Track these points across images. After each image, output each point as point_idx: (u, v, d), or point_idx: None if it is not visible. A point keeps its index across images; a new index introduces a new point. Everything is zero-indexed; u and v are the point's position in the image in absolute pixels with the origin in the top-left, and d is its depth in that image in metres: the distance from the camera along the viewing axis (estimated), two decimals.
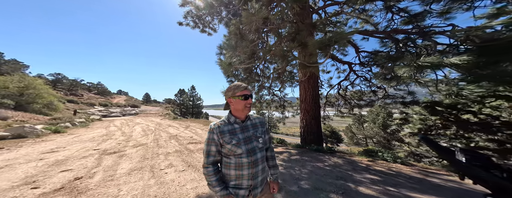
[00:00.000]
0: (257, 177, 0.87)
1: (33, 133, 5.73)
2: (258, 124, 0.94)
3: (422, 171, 2.96)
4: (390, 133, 13.27)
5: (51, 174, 2.55)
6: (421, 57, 1.59)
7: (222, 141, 0.83)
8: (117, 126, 9.36)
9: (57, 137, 5.87)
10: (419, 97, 4.39)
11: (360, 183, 2.32)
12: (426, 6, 2.85)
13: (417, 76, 1.76)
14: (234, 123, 0.88)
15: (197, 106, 24.20)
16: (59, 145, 4.62)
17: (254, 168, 0.85)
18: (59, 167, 2.85)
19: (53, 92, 13.20)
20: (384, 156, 3.57)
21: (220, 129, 0.85)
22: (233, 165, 0.84)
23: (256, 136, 0.89)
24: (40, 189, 2.08)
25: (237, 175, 0.84)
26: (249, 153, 0.85)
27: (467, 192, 2.14)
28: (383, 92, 4.96)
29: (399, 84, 2.53)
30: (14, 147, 4.17)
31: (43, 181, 2.31)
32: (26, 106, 9.86)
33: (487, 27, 1.84)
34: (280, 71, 4.64)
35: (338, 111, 6.40)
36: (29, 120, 7.94)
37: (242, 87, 0.86)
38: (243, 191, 0.85)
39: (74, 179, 2.38)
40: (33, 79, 11.57)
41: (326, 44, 1.65)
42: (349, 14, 4.92)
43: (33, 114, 9.34)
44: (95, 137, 6.01)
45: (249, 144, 0.86)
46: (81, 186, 2.17)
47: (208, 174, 0.84)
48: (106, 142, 5.10)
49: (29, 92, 10.32)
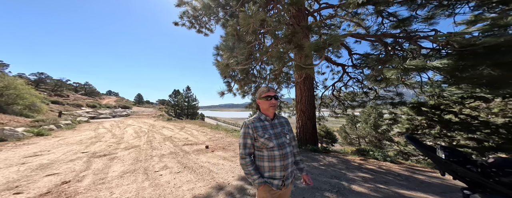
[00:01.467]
0: (287, 168, 0.96)
1: (14, 135, 5.34)
2: (284, 122, 1.08)
3: (409, 168, 3.13)
4: (381, 133, 13.81)
5: (36, 179, 2.40)
6: (407, 60, 1.70)
7: (256, 135, 0.95)
8: (106, 128, 8.94)
9: (41, 140, 5.50)
10: (407, 99, 4.65)
11: (353, 181, 2.41)
12: (413, 11, 3.05)
13: (404, 78, 1.88)
14: (265, 120, 1.01)
15: (193, 106, 23.75)
16: (43, 148, 4.34)
17: (285, 160, 0.95)
18: (44, 171, 2.69)
19: (36, 93, 12.37)
20: (375, 155, 3.73)
21: (254, 124, 0.98)
22: (266, 157, 0.94)
23: (284, 133, 1.01)
24: (24, 194, 1.96)
25: (270, 166, 0.94)
26: (280, 146, 0.95)
27: (449, 187, 2.30)
28: (374, 94, 5.18)
29: (388, 86, 2.68)
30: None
31: (27, 186, 2.17)
32: (6, 108, 9.16)
33: (466, 33, 2.01)
34: (276, 72, 4.71)
35: (333, 111, 6.58)
36: (8, 122, 7.38)
37: (266, 90, 1.01)
38: (277, 181, 0.93)
39: (62, 183, 2.25)
40: (13, 79, 10.79)
41: (321, 47, 1.72)
42: (343, 17, 5.12)
43: (13, 116, 8.69)
44: (83, 139, 5.72)
45: (279, 139, 0.97)
46: (70, 190, 2.06)
47: (246, 164, 0.94)
48: (95, 144, 4.87)
49: (9, 93, 9.61)
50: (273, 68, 5.19)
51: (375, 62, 2.85)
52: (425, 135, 4.39)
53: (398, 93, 4.48)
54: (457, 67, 1.70)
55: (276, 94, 1.02)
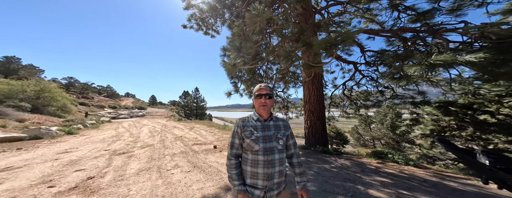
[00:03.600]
0: (272, 178, 0.84)
1: (49, 134, 6.03)
2: (282, 126, 0.93)
3: (437, 174, 2.81)
4: (399, 134, 12.75)
5: (66, 173, 2.66)
6: (433, 55, 1.53)
7: (243, 134, 0.86)
8: (125, 127, 9.64)
9: (70, 138, 6.13)
10: (430, 97, 4.22)
11: (370, 185, 2.24)
12: (435, 3, 2.76)
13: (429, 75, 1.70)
14: (257, 120, 0.91)
15: (201, 107, 24.53)
16: (73, 145, 4.82)
17: (270, 168, 0.83)
18: (73, 167, 2.97)
19: (66, 96, 13.88)
20: (395, 158, 3.44)
21: (244, 123, 0.89)
22: (250, 161, 0.85)
23: (277, 137, 0.88)
24: (56, 187, 2.18)
25: (252, 172, 0.84)
26: (266, 151, 0.84)
27: (489, 197, 2.01)
28: (391, 92, 4.81)
29: (409, 84, 2.44)
30: (31, 148, 4.39)
31: (59, 180, 2.41)
32: (42, 109, 10.41)
33: (503, 23, 1.75)
34: (283, 72, 4.64)
35: (344, 111, 6.26)
36: (44, 122, 8.36)
37: (258, 88, 0.91)
38: (259, 192, 0.83)
39: (87, 179, 2.46)
40: (48, 83, 12.23)
41: (333, 43, 1.63)
42: (353, 13, 4.87)
43: (48, 116, 9.84)
44: (105, 138, 6.22)
45: (268, 143, 0.85)
46: (94, 185, 2.25)
47: (230, 166, 0.86)
48: (116, 142, 5.26)
49: (45, 96, 10.90)
50: (280, 67, 5.12)
51: (392, 59, 2.64)
52: (455, 137, 3.92)
53: (419, 92, 4.08)
54: (495, 61, 1.49)
55: (270, 93, 0.89)
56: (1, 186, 2.19)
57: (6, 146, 4.41)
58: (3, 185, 2.21)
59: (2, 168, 2.86)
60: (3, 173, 2.62)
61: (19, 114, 8.08)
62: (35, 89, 10.54)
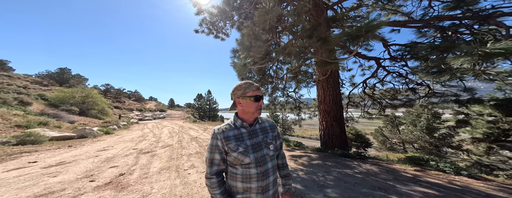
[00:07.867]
0: (268, 190, 0.74)
1: (92, 133, 7.09)
2: (268, 127, 0.81)
3: (505, 188, 2.25)
4: (438, 138, 10.88)
5: (103, 169, 3.04)
6: (488, 43, 1.22)
7: (227, 148, 0.73)
8: (149, 128, 10.71)
9: (107, 137, 7.09)
10: (481, 94, 3.44)
11: (408, 196, 1.93)
12: None
13: (483, 67, 1.36)
14: (241, 127, 0.76)
15: (214, 109, 25.53)
16: (109, 144, 5.55)
17: (264, 180, 0.73)
18: (109, 163, 3.39)
19: (105, 100, 16.19)
20: (440, 165, 2.89)
21: (225, 134, 0.74)
22: (240, 176, 0.72)
23: (266, 142, 0.77)
24: (95, 182, 2.50)
25: (244, 188, 0.72)
26: (259, 162, 0.73)
27: None
28: (426, 90, 4.12)
29: (452, 79, 2.01)
30: (78, 145, 5.22)
31: (98, 175, 2.78)
32: (86, 112, 12.36)
33: None
34: (295, 71, 4.44)
35: (365, 112, 5.64)
36: (88, 123, 9.89)
37: (254, 87, 0.75)
38: None
39: (119, 175, 2.77)
40: (91, 90, 14.49)
41: (355, 35, 1.44)
42: (371, 6, 4.35)
43: (91, 118, 11.63)
44: (134, 137, 6.99)
45: (259, 152, 0.74)
46: (124, 182, 2.51)
47: (211, 186, 0.73)
48: (142, 142, 5.85)
49: (88, 101, 12.93)
50: (291, 66, 4.91)
51: (427, 52, 2.23)
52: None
53: (466, 88, 3.36)
54: None
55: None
56: (55, 178, 2.63)
57: (61, 143, 5.35)
58: (56, 178, 2.64)
59: (57, 162, 3.44)
60: (58, 167, 3.15)
61: (70, 116, 9.73)
62: (81, 95, 12.58)
